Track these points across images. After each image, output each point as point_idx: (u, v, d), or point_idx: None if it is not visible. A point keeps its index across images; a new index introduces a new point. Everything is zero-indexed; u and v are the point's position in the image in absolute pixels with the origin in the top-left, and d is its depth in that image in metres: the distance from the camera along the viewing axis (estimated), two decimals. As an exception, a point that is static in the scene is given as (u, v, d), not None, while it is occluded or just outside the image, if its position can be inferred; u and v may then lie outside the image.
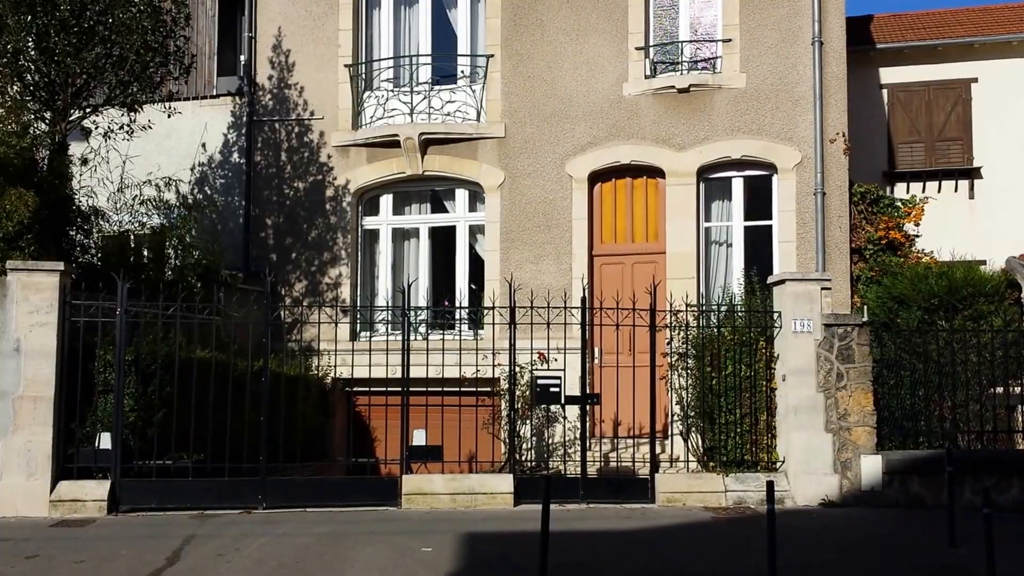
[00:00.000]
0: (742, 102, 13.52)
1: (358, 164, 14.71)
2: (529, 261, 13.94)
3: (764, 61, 13.49)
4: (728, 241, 13.84)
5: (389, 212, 14.95)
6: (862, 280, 13.34)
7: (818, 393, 10.55)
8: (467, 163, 14.30)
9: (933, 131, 16.91)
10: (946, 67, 17.08)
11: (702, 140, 13.60)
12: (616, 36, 13.98)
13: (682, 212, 13.57)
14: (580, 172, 13.94)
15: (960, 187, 16.61)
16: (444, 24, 14.98)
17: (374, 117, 14.79)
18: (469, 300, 14.22)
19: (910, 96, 17.03)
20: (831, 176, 13.13)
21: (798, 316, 10.65)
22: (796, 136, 13.31)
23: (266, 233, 14.99)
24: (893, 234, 13.45)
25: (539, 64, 14.23)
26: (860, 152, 15.05)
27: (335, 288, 14.49)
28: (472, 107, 14.51)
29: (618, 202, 14.13)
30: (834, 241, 13.07)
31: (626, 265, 13.84)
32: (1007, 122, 16.74)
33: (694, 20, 14.07)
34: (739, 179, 13.79)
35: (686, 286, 12.96)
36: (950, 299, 12.01)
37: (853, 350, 10.62)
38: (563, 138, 14.04)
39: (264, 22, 15.29)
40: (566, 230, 13.88)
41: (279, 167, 15.05)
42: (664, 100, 13.75)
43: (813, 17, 13.27)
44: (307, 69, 15.04)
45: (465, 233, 14.61)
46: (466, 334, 13.40)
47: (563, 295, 12.22)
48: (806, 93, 13.28)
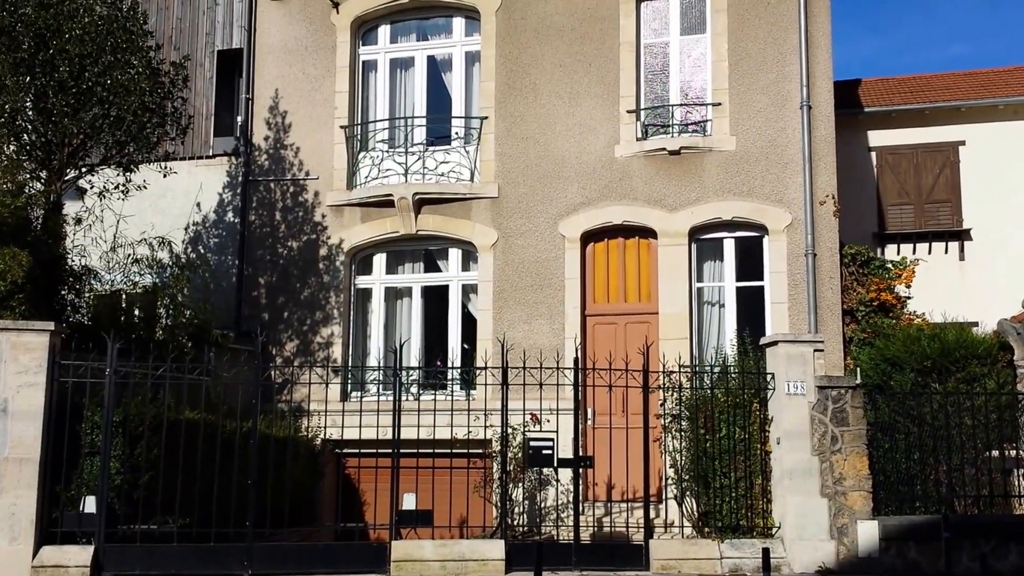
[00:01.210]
0: (732, 164, 13.65)
1: (352, 223, 14.76)
2: (522, 321, 13.93)
3: (753, 124, 13.65)
4: (720, 302, 13.86)
5: (382, 271, 14.97)
6: (855, 342, 13.34)
7: (813, 456, 10.46)
8: (461, 223, 14.37)
9: (922, 193, 17.08)
10: (934, 130, 17.32)
11: (693, 201, 13.70)
12: (608, 99, 14.16)
13: (674, 272, 13.61)
14: (573, 232, 14.01)
15: (950, 249, 16.73)
16: (439, 86, 15.18)
17: (369, 177, 14.89)
18: (462, 360, 14.16)
19: (898, 159, 17.23)
20: (822, 238, 13.21)
21: (791, 378, 10.61)
22: (786, 198, 13.42)
23: (259, 292, 14.98)
24: (884, 296, 13.49)
25: (532, 126, 14.39)
26: (850, 214, 15.18)
27: (327, 347, 14.44)
28: (466, 168, 14.62)
29: (611, 262, 14.17)
30: (826, 302, 13.10)
31: (619, 325, 13.83)
32: (995, 184, 16.92)
33: (684, 84, 14.28)
34: (730, 240, 13.86)
35: (679, 347, 12.95)
36: (943, 361, 11.99)
37: (847, 413, 10.57)
38: (556, 198, 14.14)
39: (261, 84, 15.47)
40: (559, 290, 13.90)
41: (273, 226, 15.09)
42: (655, 162, 13.88)
43: (801, 82, 13.48)
44: (303, 130, 15.18)
45: (458, 292, 14.62)
46: (458, 394, 13.29)
47: (556, 355, 12.14)
48: (795, 156, 13.43)
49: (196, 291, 13.71)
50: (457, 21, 15.21)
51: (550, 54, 14.46)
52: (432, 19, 15.37)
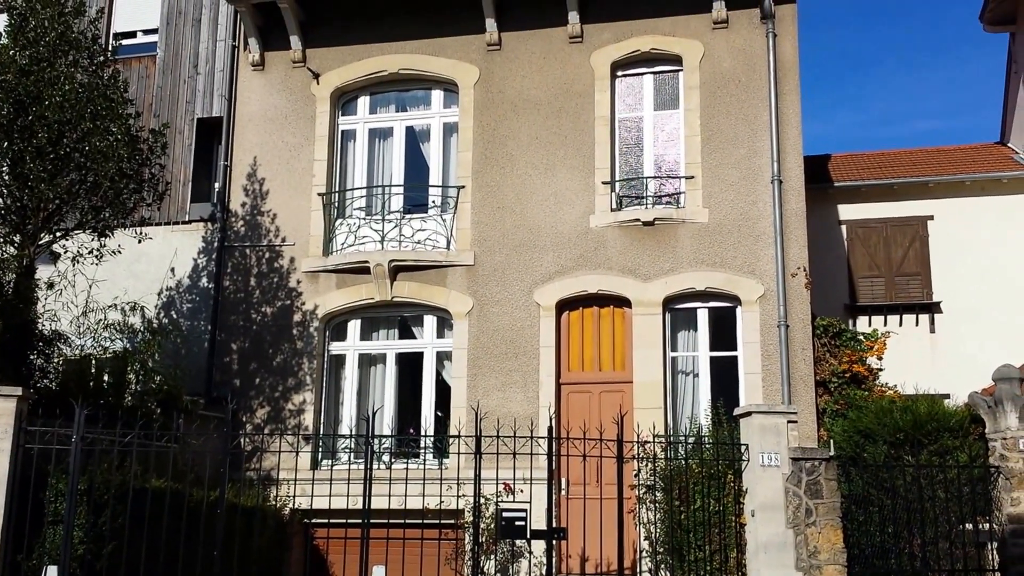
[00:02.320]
0: (706, 236, 13.84)
1: (327, 290, 14.77)
2: (496, 389, 13.89)
3: (726, 197, 13.89)
4: (695, 371, 13.91)
5: (357, 338, 14.94)
6: (827, 413, 13.38)
7: (787, 529, 10.38)
8: (436, 290, 14.42)
9: (892, 266, 17.37)
10: (903, 204, 17.71)
11: (667, 271, 13.85)
12: (583, 171, 14.38)
13: (648, 342, 13.67)
14: (548, 301, 14.08)
15: (921, 321, 16.97)
16: (417, 156, 15.39)
17: (345, 244, 14.96)
18: (435, 428, 14.07)
19: (869, 232, 17.56)
20: (794, 309, 13.35)
21: (765, 449, 10.58)
22: (758, 270, 13.59)
23: (231, 358, 14.87)
24: (856, 367, 13.59)
25: (509, 195, 14.56)
26: (822, 286, 15.38)
27: (298, 415, 14.30)
28: (442, 235, 14.73)
29: (585, 331, 14.23)
30: (799, 374, 13.17)
31: (593, 394, 13.83)
32: (963, 258, 17.26)
33: (658, 157, 14.55)
34: (704, 310, 13.97)
35: (653, 416, 12.93)
36: (915, 434, 12.01)
37: (821, 485, 10.51)
38: (531, 267, 14.24)
39: (240, 151, 15.61)
40: (533, 358, 13.91)
41: (247, 292, 15.07)
42: (630, 232, 14.05)
43: (772, 157, 13.76)
44: (280, 197, 15.28)
45: (432, 360, 14.59)
46: (431, 463, 13.20)
47: (530, 424, 12.11)
48: (767, 228, 13.64)
49: (167, 357, 13.62)
50: (436, 93, 15.48)
51: (527, 126, 14.72)
52: (411, 91, 15.64)
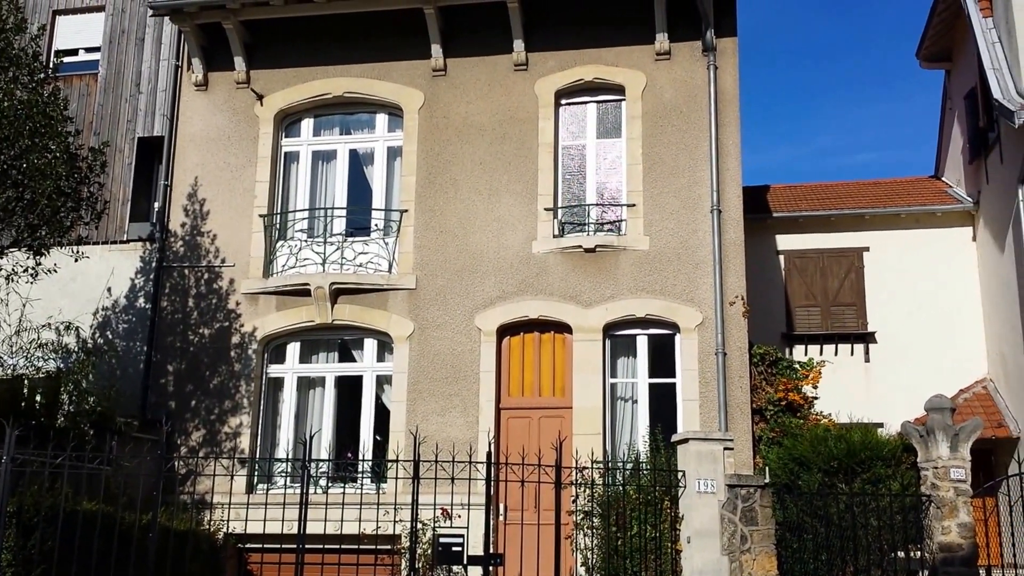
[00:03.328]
0: (646, 263, 13.99)
1: (267, 312, 14.62)
2: (436, 413, 13.84)
3: (666, 226, 14.07)
4: (634, 398, 14.00)
5: (296, 360, 14.78)
6: (763, 441, 13.55)
7: (723, 556, 10.46)
8: (377, 313, 14.35)
9: (828, 296, 17.74)
10: (839, 236, 18.11)
11: (608, 298, 13.96)
12: (526, 197, 14.48)
13: (588, 368, 13.74)
14: (489, 325, 14.10)
15: (856, 351, 17.32)
16: (360, 179, 15.36)
17: (286, 266, 14.85)
18: (373, 452, 13.96)
19: (806, 262, 17.93)
20: (731, 337, 13.53)
21: (702, 476, 10.67)
22: (697, 298, 13.76)
23: (167, 380, 14.62)
24: (792, 396, 13.79)
25: (452, 220, 14.59)
26: (759, 314, 15.62)
27: (235, 438, 14.08)
28: (385, 259, 14.69)
29: (526, 356, 14.26)
30: (736, 401, 13.33)
31: (533, 419, 13.84)
32: (897, 290, 17.68)
33: (600, 185, 14.71)
34: (644, 337, 14.10)
35: (592, 442, 12.99)
36: (849, 462, 12.18)
37: (756, 512, 10.61)
38: (473, 292, 14.26)
39: (181, 171, 15.44)
40: (474, 382, 13.89)
41: (185, 313, 14.85)
42: (572, 259, 14.15)
43: (712, 187, 13.99)
44: (221, 217, 15.12)
45: (372, 383, 14.49)
46: (369, 488, 13.07)
47: (469, 449, 12.07)
48: (706, 257, 13.83)
49: (102, 377, 13.36)
50: (380, 117, 15.50)
51: (471, 152, 14.79)
52: (356, 114, 15.64)
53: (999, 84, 15.84)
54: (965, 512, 10.59)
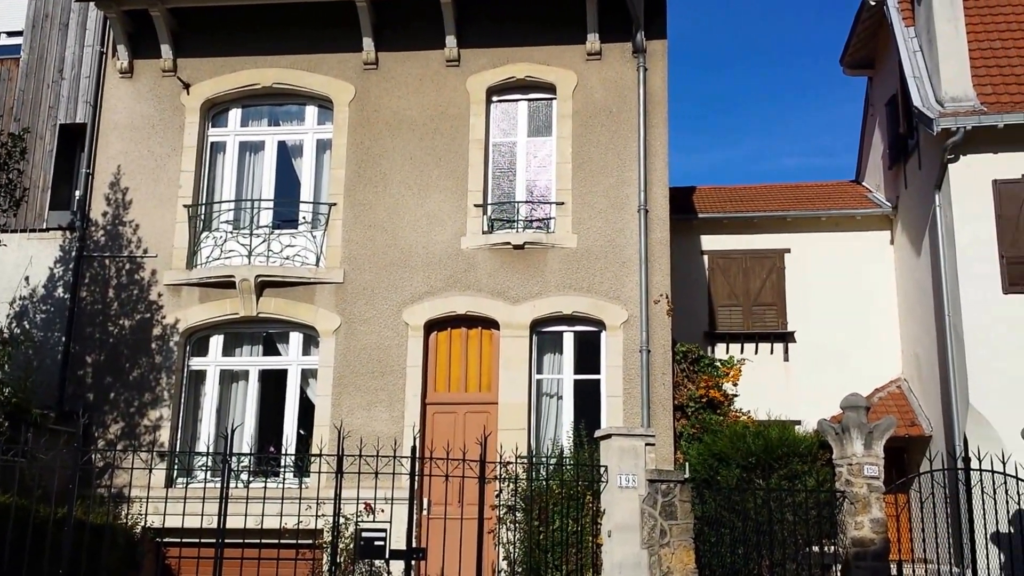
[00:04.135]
0: (574, 261, 14.12)
1: (190, 304, 14.38)
2: (361, 408, 13.77)
3: (594, 224, 14.22)
4: (559, 394, 14.13)
5: (218, 353, 14.57)
6: (684, 437, 13.77)
7: (642, 550, 10.62)
8: (303, 307, 14.22)
9: (750, 296, 18.13)
10: (762, 237, 18.52)
11: (536, 295, 14.05)
12: (456, 193, 14.49)
13: (515, 364, 13.82)
14: (417, 320, 14.08)
15: (776, 350, 17.73)
16: (289, 171, 15.18)
17: (210, 257, 14.62)
18: (297, 446, 13.83)
19: (729, 263, 18.29)
20: (655, 335, 13.73)
21: (624, 471, 10.82)
22: (623, 296, 13.94)
23: (85, 371, 14.28)
24: (713, 393, 14.05)
25: (381, 214, 14.53)
26: (683, 313, 15.90)
27: (154, 431, 13.83)
28: (312, 252, 14.57)
29: (453, 351, 14.28)
30: (658, 398, 13.53)
31: (459, 415, 13.86)
32: (816, 291, 18.14)
33: (530, 183, 14.79)
34: (570, 334, 14.22)
35: (517, 437, 13.07)
36: (767, 458, 12.42)
37: (676, 507, 10.78)
38: (401, 286, 14.22)
39: (104, 159, 15.10)
40: (400, 377, 13.86)
41: (106, 304, 14.53)
42: (500, 255, 14.21)
43: (639, 187, 14.17)
44: (144, 207, 14.82)
45: (297, 377, 14.36)
46: (291, 482, 12.96)
47: (394, 443, 12.09)
48: (633, 256, 14.01)
49: (18, 368, 12.98)
50: (310, 109, 15.34)
51: (401, 146, 14.75)
52: (285, 106, 15.46)
53: (919, 92, 16.36)
54: (878, 508, 10.89)
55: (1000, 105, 15.87)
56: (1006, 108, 15.73)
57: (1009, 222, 15.41)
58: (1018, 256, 15.32)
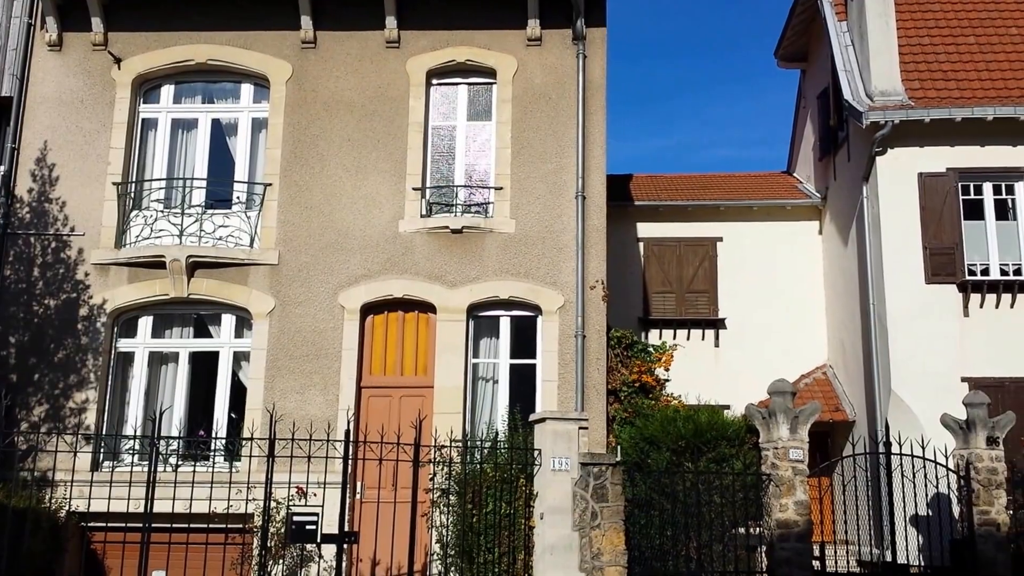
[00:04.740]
0: (511, 246, 14.16)
1: (118, 284, 14.05)
2: (295, 391, 13.65)
3: (532, 210, 14.27)
4: (495, 378, 14.18)
5: (148, 335, 14.28)
6: (617, 421, 13.95)
7: (573, 532, 10.73)
8: (236, 288, 14.01)
9: (684, 283, 18.40)
10: (696, 226, 18.80)
11: (473, 279, 14.06)
12: (395, 176, 14.40)
13: (451, 348, 13.83)
14: (353, 303, 13.98)
15: (707, 336, 18.03)
16: (223, 150, 14.90)
17: (140, 237, 14.30)
18: (228, 430, 13.65)
19: (664, 250, 18.54)
20: (591, 320, 13.86)
21: (557, 454, 10.90)
22: (560, 281, 14.03)
23: (8, 352, 13.88)
24: (646, 378, 14.25)
25: (317, 196, 14.37)
26: (618, 299, 16.08)
27: (80, 413, 13.51)
28: (246, 233, 14.35)
29: (389, 335, 14.22)
30: (592, 382, 13.67)
31: (394, 398, 13.83)
32: (747, 279, 18.49)
33: (469, 167, 14.77)
34: (507, 318, 14.27)
35: (452, 421, 13.10)
36: (696, 442, 12.67)
37: (607, 489, 10.89)
38: (338, 269, 14.10)
39: (30, 134, 14.64)
40: (335, 360, 13.76)
41: (30, 283, 14.12)
42: (438, 239, 14.18)
43: (577, 173, 14.26)
44: (72, 184, 14.42)
45: (229, 360, 14.14)
46: (222, 466, 12.80)
47: (328, 427, 12.01)
48: (569, 242, 14.10)
49: (-66, 348, 12.56)
50: (246, 87, 15.07)
51: (339, 127, 14.59)
52: (220, 83, 15.15)
53: (850, 85, 16.74)
54: (802, 491, 11.14)
55: (927, 100, 16.34)
56: (933, 103, 16.21)
57: (933, 214, 15.90)
58: (940, 247, 15.83)
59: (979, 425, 11.90)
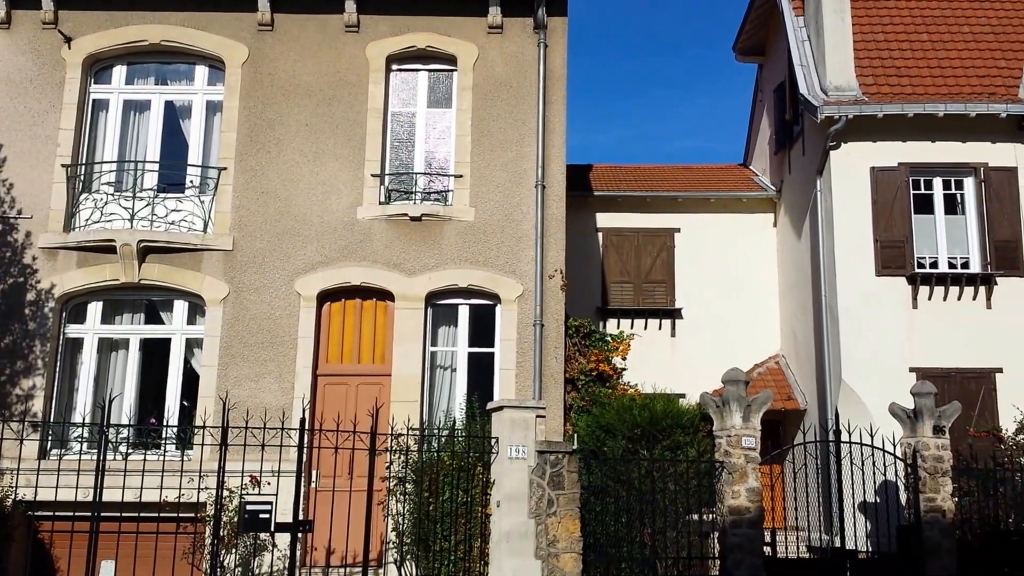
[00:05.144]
0: (471, 234, 14.11)
1: (67, 268, 13.74)
2: (249, 379, 13.48)
3: (492, 198, 14.23)
4: (453, 366, 14.14)
5: (97, 321, 13.99)
6: (574, 409, 14.01)
7: (530, 519, 10.77)
8: (189, 274, 13.79)
9: (641, 273, 18.51)
10: (654, 216, 18.91)
11: (432, 267, 13.99)
12: (353, 162, 14.26)
13: (409, 336, 13.75)
14: (309, 291, 13.84)
15: (664, 326, 18.16)
16: (176, 133, 14.63)
17: (90, 220, 13.99)
18: (180, 418, 13.45)
19: (622, 240, 18.63)
20: (549, 309, 13.88)
21: (514, 442, 10.93)
22: (519, 270, 14.02)
23: (-48, 337, 13.52)
24: (603, 367, 14.32)
25: (274, 181, 14.18)
26: (577, 288, 16.12)
27: (27, 400, 13.19)
28: (200, 218, 14.11)
29: (346, 323, 14.11)
30: (550, 371, 13.70)
31: (351, 386, 13.73)
32: (703, 270, 18.66)
33: (429, 154, 14.68)
34: (465, 307, 14.23)
35: (410, 409, 13.05)
36: (651, 430, 12.75)
37: (563, 477, 10.96)
38: (294, 256, 13.94)
39: (-24, 113, 14.25)
40: (291, 348, 13.62)
41: (-25, 266, 13.76)
42: (397, 226, 14.08)
43: (537, 162, 14.24)
44: (19, 166, 14.05)
45: (181, 346, 13.92)
46: (174, 455, 12.62)
47: (282, 415, 11.88)
48: (529, 231, 14.09)
49: None
50: (200, 69, 14.80)
51: (296, 112, 14.40)
52: (173, 64, 14.86)
53: (806, 80, 16.93)
54: (754, 478, 11.29)
55: (880, 96, 16.58)
56: (886, 99, 16.46)
57: (884, 208, 16.17)
58: (891, 240, 16.10)
59: (926, 414, 12.14)
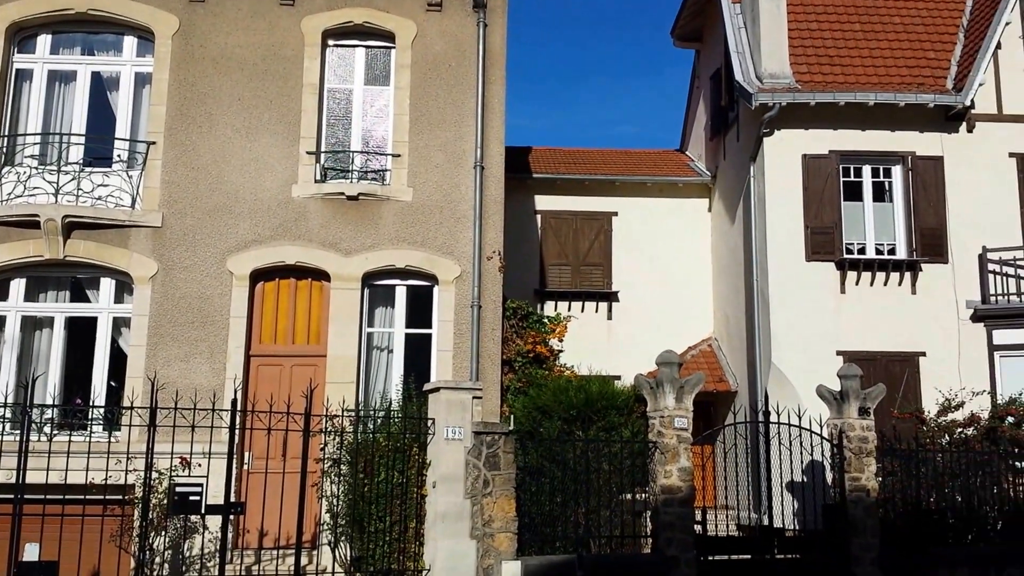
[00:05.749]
0: (409, 214, 13.98)
1: (-12, 244, 13.26)
2: (179, 359, 13.19)
3: (430, 178, 14.12)
4: (389, 347, 14.03)
5: (20, 298, 13.52)
6: (511, 390, 14.04)
7: (465, 500, 10.78)
8: (116, 251, 13.40)
9: (579, 256, 18.59)
10: (592, 200, 18.99)
11: (369, 247, 13.83)
12: (288, 138, 14.00)
13: (345, 316, 13.60)
14: (242, 269, 13.57)
15: (600, 308, 18.28)
16: (103, 105, 14.17)
17: (12, 194, 13.48)
18: (108, 398, 13.11)
19: (560, 223, 18.67)
20: (487, 291, 13.84)
21: (451, 424, 10.90)
22: (457, 251, 13.95)
23: None
24: (540, 348, 14.37)
25: (205, 157, 13.85)
26: (516, 270, 16.12)
27: (-55, 381, 12.75)
28: (127, 193, 13.72)
29: (281, 303, 13.88)
30: (487, 352, 13.68)
31: (285, 367, 13.53)
32: (639, 254, 18.82)
33: (366, 133, 14.48)
34: (403, 288, 14.12)
35: (345, 390, 12.91)
36: (587, 411, 12.88)
37: (499, 457, 10.99)
38: (226, 233, 13.65)
39: None
40: (223, 328, 13.35)
41: None
42: (333, 205, 13.89)
43: (476, 143, 14.15)
44: (-65, 135, 13.49)
45: (108, 325, 13.54)
46: (100, 436, 12.29)
47: (213, 396, 11.65)
48: (467, 212, 14.02)
49: None
50: (129, 40, 14.34)
51: (229, 86, 14.07)
52: (101, 34, 14.37)
53: (741, 67, 17.13)
54: (686, 458, 11.45)
55: (813, 84, 16.87)
56: (819, 87, 16.76)
57: (815, 195, 16.49)
58: (821, 227, 16.43)
59: (852, 396, 12.43)
